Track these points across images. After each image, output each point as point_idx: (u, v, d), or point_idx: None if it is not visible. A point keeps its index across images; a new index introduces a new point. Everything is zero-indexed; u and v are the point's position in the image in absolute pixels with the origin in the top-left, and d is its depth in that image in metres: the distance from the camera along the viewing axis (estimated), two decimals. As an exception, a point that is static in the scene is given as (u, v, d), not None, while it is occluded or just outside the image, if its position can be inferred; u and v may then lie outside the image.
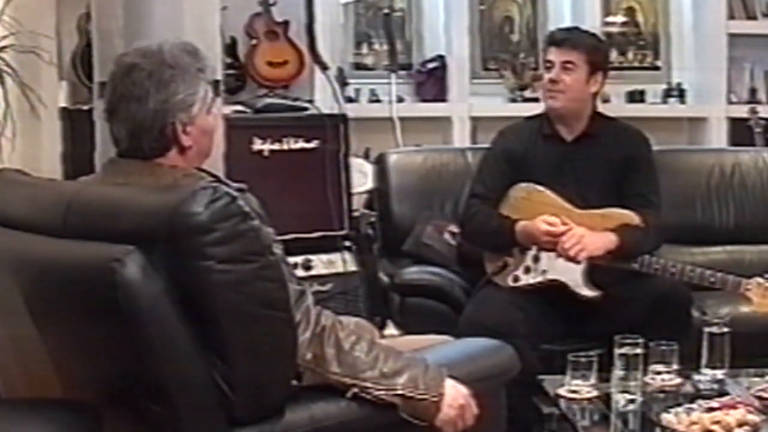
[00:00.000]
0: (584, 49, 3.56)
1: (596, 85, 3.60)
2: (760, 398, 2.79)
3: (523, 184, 3.59)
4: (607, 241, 3.39)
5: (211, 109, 2.31)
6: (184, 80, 2.24)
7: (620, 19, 5.73)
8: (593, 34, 3.80)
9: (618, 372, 2.76)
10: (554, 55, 3.58)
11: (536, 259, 3.53)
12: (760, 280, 3.34)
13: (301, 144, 4.04)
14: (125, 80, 2.24)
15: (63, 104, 4.68)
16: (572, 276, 3.45)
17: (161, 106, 2.22)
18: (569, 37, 3.61)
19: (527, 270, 3.53)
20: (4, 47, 4.21)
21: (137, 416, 2.10)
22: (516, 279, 3.54)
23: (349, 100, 5.17)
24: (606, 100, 5.38)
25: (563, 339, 3.40)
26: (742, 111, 5.26)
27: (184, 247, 2.02)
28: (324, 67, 4.72)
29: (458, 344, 2.70)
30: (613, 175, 3.60)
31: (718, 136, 5.47)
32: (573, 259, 3.36)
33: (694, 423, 2.54)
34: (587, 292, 3.44)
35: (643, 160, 3.66)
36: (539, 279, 3.51)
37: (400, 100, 5.32)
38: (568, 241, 3.37)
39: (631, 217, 3.49)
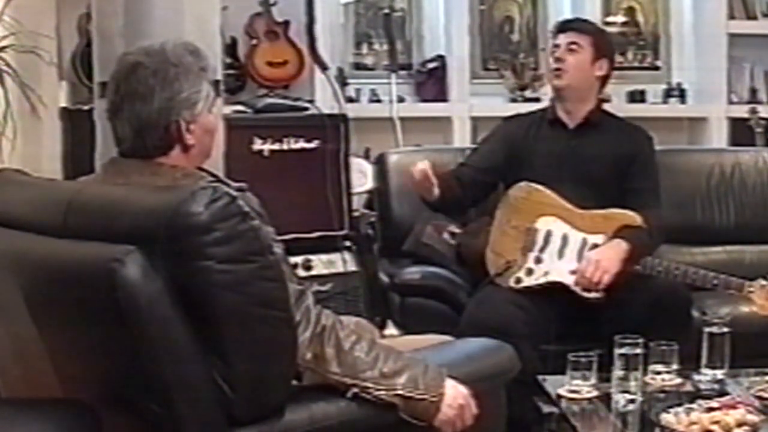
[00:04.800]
0: (589, 32, 3.69)
1: (601, 71, 3.66)
2: (760, 398, 2.79)
3: (522, 184, 3.59)
4: (620, 251, 3.38)
5: (213, 108, 2.32)
6: (187, 79, 2.25)
7: (620, 19, 5.73)
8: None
9: (618, 372, 2.76)
10: (560, 39, 3.68)
11: (538, 260, 3.52)
12: (762, 282, 3.35)
13: (301, 144, 4.04)
14: (130, 79, 2.24)
15: (63, 104, 4.68)
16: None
17: (166, 104, 2.23)
18: (574, 23, 3.82)
19: (529, 272, 3.53)
20: (4, 47, 4.20)
21: (137, 416, 2.10)
22: (518, 281, 3.53)
23: (349, 100, 5.17)
24: (606, 100, 5.38)
25: (563, 339, 3.40)
26: (742, 111, 5.26)
27: (184, 247, 2.02)
28: (324, 67, 4.71)
29: (458, 344, 2.70)
30: (614, 170, 3.61)
31: (718, 136, 5.48)
32: (597, 286, 3.35)
33: (693, 423, 2.54)
34: (589, 294, 3.43)
35: (645, 159, 3.67)
36: (541, 281, 3.51)
37: (401, 100, 5.32)
38: (587, 270, 3.36)
39: (633, 217, 3.48)
